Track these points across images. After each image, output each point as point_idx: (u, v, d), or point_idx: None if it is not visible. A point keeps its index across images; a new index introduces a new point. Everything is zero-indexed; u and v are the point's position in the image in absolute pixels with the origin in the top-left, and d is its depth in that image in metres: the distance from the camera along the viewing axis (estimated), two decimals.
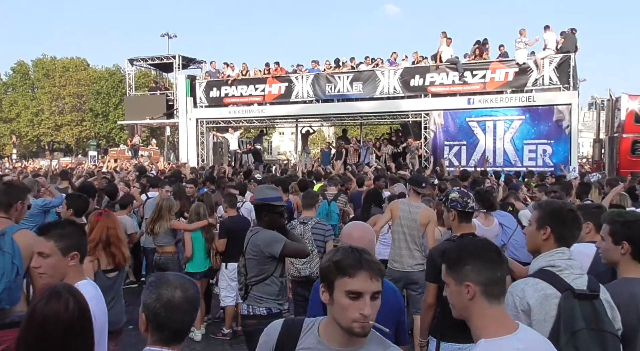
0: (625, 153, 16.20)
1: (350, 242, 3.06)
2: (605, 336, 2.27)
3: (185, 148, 21.36)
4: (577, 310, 2.27)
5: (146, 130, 34.17)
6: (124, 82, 29.50)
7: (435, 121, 17.67)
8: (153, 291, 1.82)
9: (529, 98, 16.65)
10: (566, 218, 2.52)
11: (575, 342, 2.22)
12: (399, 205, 5.65)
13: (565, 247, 2.48)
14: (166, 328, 1.81)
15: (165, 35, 36.37)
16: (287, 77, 19.91)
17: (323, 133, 49.11)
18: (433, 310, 3.60)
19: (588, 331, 2.24)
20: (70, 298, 1.83)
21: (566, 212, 2.55)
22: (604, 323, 2.28)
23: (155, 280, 1.88)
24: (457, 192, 3.77)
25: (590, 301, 2.31)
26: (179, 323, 1.82)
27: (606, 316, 2.32)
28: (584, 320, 2.26)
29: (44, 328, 1.76)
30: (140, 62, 24.68)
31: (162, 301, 1.79)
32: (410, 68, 18.22)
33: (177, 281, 1.85)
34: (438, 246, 3.81)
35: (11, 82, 52.89)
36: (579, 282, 2.37)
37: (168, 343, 1.82)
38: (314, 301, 3.04)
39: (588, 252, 3.17)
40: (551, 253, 2.47)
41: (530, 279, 2.41)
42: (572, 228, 2.52)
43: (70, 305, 1.81)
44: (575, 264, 2.45)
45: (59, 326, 1.78)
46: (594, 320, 2.27)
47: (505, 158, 16.64)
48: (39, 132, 50.31)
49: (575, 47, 16.31)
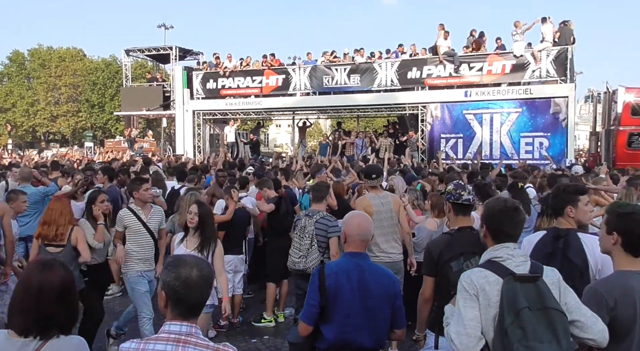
0: (622, 146, 16.22)
1: (350, 230, 3.10)
2: (550, 312, 2.30)
3: (182, 140, 21.32)
4: (519, 291, 2.33)
5: (142, 122, 34.05)
6: (121, 73, 29.33)
7: (432, 113, 17.69)
8: (172, 270, 2.02)
9: (526, 90, 16.68)
10: (501, 217, 2.62)
11: (520, 322, 2.27)
12: (370, 201, 5.61)
13: (509, 243, 2.57)
14: (184, 303, 2.01)
15: (162, 26, 36.17)
16: (285, 69, 19.85)
17: (320, 126, 49.03)
18: (430, 304, 3.60)
19: (532, 311, 2.28)
20: (61, 268, 2.23)
21: (498, 211, 2.65)
22: (547, 301, 2.32)
23: (173, 260, 2.10)
24: (452, 184, 3.77)
25: (533, 283, 2.36)
26: (196, 298, 2.03)
27: (550, 294, 2.35)
28: (526, 300, 2.31)
29: (40, 293, 2.12)
30: (136, 52, 24.54)
31: (181, 279, 2.00)
32: (408, 60, 18.19)
33: (193, 261, 2.07)
34: (435, 240, 3.81)
35: (7, 71, 52.43)
36: (521, 268, 2.46)
37: (187, 317, 2.02)
38: (311, 288, 3.09)
39: (533, 240, 3.34)
40: (495, 247, 2.58)
41: (476, 269, 2.55)
42: (508, 227, 2.60)
43: (61, 274, 2.20)
44: (518, 253, 2.53)
45: (52, 292, 2.14)
46: (538, 300, 2.32)
47: (502, 151, 16.69)
48: (34, 123, 50.00)
49: (572, 39, 16.32)
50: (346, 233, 3.11)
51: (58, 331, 2.16)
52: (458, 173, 8.80)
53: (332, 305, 3.02)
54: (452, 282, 3.37)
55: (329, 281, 3.03)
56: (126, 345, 2.03)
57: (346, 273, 3.04)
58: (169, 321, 2.03)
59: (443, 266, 3.43)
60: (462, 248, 3.41)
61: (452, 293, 3.32)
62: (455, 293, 3.32)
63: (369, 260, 3.21)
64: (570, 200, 3.40)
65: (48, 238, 4.91)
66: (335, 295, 3.01)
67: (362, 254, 3.13)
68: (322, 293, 3.02)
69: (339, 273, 3.04)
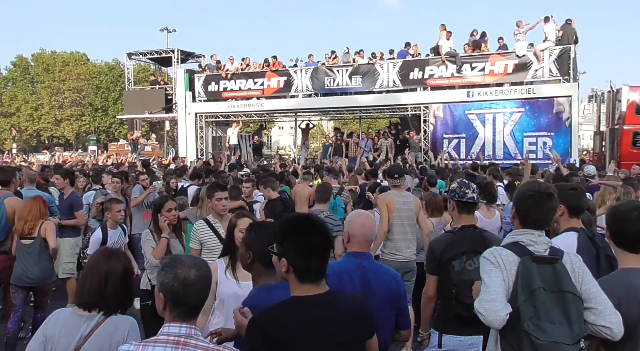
0: (627, 145, 16.13)
1: (354, 230, 3.05)
2: (565, 296, 2.26)
3: (185, 142, 21.32)
4: (535, 271, 2.29)
5: (146, 125, 34.12)
6: (123, 76, 29.40)
7: (434, 114, 17.61)
8: (169, 271, 2.00)
9: (529, 90, 16.58)
10: (531, 202, 2.54)
11: (533, 301, 2.24)
12: (393, 198, 5.62)
13: (534, 229, 2.49)
14: (184, 305, 1.99)
15: (164, 29, 36.25)
16: (286, 71, 19.83)
17: (322, 128, 49.00)
18: (433, 302, 3.57)
19: (547, 293, 2.25)
20: (123, 257, 2.65)
21: (528, 196, 2.57)
22: (564, 284, 2.28)
23: (170, 261, 2.07)
24: (456, 182, 3.75)
25: (550, 265, 2.32)
26: (195, 299, 2.02)
27: (567, 278, 2.30)
28: (542, 280, 2.27)
29: (107, 278, 2.53)
30: (139, 56, 24.59)
31: (179, 280, 1.97)
32: (410, 61, 18.13)
33: (191, 261, 2.06)
34: (438, 238, 3.78)
35: (11, 76, 52.78)
36: (542, 253, 2.41)
37: (186, 319, 2.00)
38: None
39: (570, 242, 3.16)
40: (519, 232, 2.52)
41: (496, 248, 2.49)
42: (536, 212, 2.52)
43: (124, 262, 2.61)
44: (542, 240, 2.46)
45: (117, 276, 2.55)
46: (554, 282, 2.28)
47: (505, 151, 16.60)
48: (39, 127, 50.26)
49: (575, 38, 16.22)
50: (350, 233, 3.05)
51: (118, 309, 2.55)
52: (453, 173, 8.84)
53: None
54: (454, 281, 3.35)
55: (331, 282, 2.97)
56: (124, 348, 2.00)
57: (348, 273, 2.97)
58: (167, 323, 2.00)
59: (445, 264, 3.40)
60: (465, 247, 3.38)
61: (454, 291, 3.30)
62: (457, 292, 3.29)
63: (373, 259, 3.16)
64: None
65: (20, 232, 5.33)
66: None
67: (365, 254, 3.06)
68: None
69: (341, 273, 2.97)
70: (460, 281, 3.29)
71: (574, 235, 3.20)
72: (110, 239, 5.67)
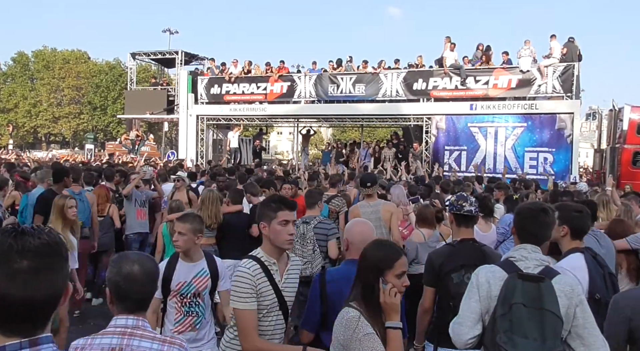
0: (627, 164, 16.18)
1: (352, 237, 3.08)
2: (544, 314, 2.33)
3: (185, 144, 21.25)
4: (519, 288, 2.39)
5: (144, 125, 34.00)
6: (124, 76, 29.42)
7: (436, 125, 17.63)
8: (114, 266, 2.07)
9: (532, 105, 16.64)
10: (526, 216, 2.71)
11: (511, 315, 2.34)
12: (359, 209, 5.77)
13: (529, 244, 2.61)
14: (128, 299, 2.04)
15: (166, 31, 36.37)
16: (290, 77, 19.84)
17: (321, 134, 49.03)
18: (429, 315, 3.56)
19: (527, 309, 2.34)
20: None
21: (523, 210, 2.78)
22: (545, 303, 2.35)
23: (117, 257, 2.14)
24: (455, 195, 3.80)
25: (536, 283, 2.40)
26: (139, 293, 2.05)
27: (551, 297, 2.36)
28: (523, 296, 2.37)
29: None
30: (142, 56, 24.57)
31: (123, 275, 2.04)
32: (414, 71, 18.17)
33: (135, 257, 2.11)
34: (437, 250, 3.78)
35: (11, 72, 52.57)
36: (531, 270, 2.51)
37: (133, 311, 2.04)
38: (312, 294, 3.06)
39: (578, 264, 3.10)
40: (515, 248, 2.67)
41: (488, 265, 2.66)
42: (531, 226, 2.67)
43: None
44: (535, 256, 2.56)
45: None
46: (536, 299, 2.36)
47: (506, 165, 16.61)
48: (36, 123, 50.03)
49: (579, 56, 16.32)
50: (349, 241, 3.06)
51: None
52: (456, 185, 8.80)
53: (333, 312, 2.91)
54: (452, 294, 3.35)
55: (330, 288, 2.98)
56: (75, 342, 2.02)
57: (347, 280, 2.93)
58: (115, 316, 2.06)
59: (444, 277, 3.41)
60: (464, 260, 3.39)
61: (452, 304, 3.28)
62: (454, 305, 3.26)
63: None
64: None
65: None
66: (336, 302, 2.92)
67: None
68: (323, 300, 2.98)
69: (340, 279, 2.97)
70: (458, 294, 3.23)
71: (581, 256, 3.18)
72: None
